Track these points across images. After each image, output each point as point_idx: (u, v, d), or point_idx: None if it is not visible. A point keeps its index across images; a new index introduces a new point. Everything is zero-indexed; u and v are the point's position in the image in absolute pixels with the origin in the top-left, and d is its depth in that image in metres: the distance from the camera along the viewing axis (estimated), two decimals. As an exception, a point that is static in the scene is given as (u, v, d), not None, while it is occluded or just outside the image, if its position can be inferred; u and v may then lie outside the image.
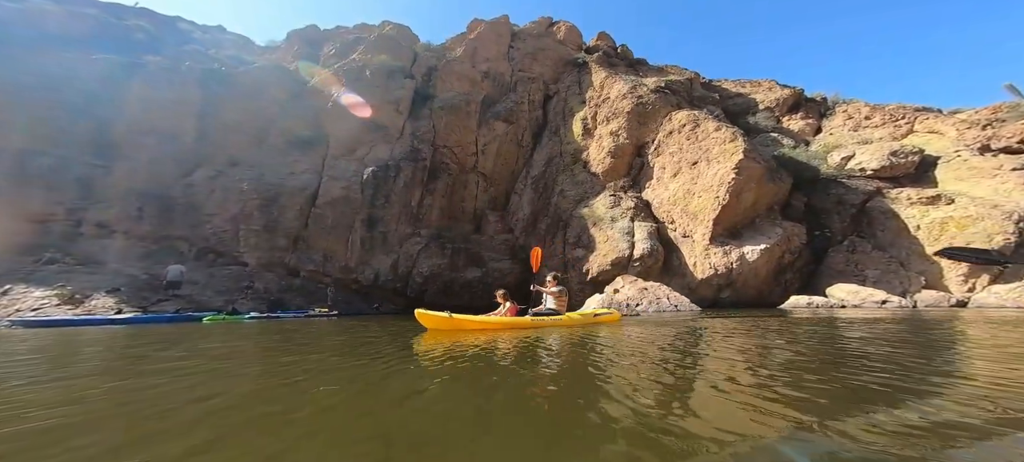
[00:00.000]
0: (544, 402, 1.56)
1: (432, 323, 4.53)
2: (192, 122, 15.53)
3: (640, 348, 2.98)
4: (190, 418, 1.36)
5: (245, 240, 13.53)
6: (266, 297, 12.82)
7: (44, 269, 9.74)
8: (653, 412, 1.34)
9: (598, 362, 2.48)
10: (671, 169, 12.73)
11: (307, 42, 22.72)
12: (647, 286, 8.74)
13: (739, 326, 4.68)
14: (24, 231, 11.57)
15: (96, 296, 8.81)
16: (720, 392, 1.62)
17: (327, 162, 16.20)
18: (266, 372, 2.40)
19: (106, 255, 12.08)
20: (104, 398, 1.72)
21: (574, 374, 2.15)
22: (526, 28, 24.01)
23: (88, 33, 16.88)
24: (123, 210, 13.08)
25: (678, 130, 13.11)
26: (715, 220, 10.30)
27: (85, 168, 12.97)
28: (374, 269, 15.52)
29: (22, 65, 13.26)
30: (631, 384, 1.77)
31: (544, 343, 3.35)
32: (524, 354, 2.81)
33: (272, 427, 1.23)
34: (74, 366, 2.80)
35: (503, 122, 19.46)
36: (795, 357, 2.46)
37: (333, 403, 1.55)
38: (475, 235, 17.83)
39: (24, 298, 8.10)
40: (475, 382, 1.94)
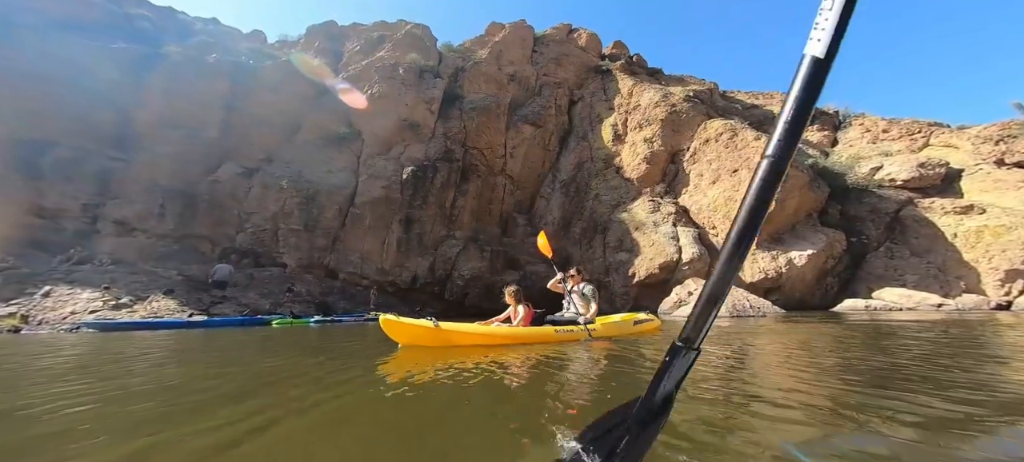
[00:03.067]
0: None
1: (407, 336, 3.06)
2: (218, 116, 14.54)
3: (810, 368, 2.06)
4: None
5: (285, 240, 12.82)
6: (309, 299, 12.22)
7: (78, 269, 8.83)
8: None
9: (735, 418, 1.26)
10: (709, 176, 13.04)
11: (327, 37, 21.73)
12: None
13: (844, 332, 4.04)
14: (34, 226, 10.49)
15: (154, 298, 8.08)
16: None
17: (363, 160, 15.58)
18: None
19: (129, 253, 11.14)
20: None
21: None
22: (548, 34, 23.95)
23: (98, 21, 15.44)
24: (145, 207, 12.07)
25: (715, 138, 13.44)
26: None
27: (103, 161, 11.83)
28: (411, 271, 15.09)
29: (33, 51, 12.00)
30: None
31: (586, 370, 2.14)
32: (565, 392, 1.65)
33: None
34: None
35: (531, 125, 19.36)
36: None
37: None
38: (505, 238, 17.68)
39: (72, 299, 7.29)
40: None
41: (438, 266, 15.35)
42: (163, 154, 12.50)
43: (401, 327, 3.13)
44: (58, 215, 10.44)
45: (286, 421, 1.28)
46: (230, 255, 12.54)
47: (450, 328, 3.18)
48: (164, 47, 15.22)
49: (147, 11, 20.05)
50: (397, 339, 3.19)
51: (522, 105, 20.12)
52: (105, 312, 7.22)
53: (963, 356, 2.40)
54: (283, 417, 1.33)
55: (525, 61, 22.03)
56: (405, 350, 2.98)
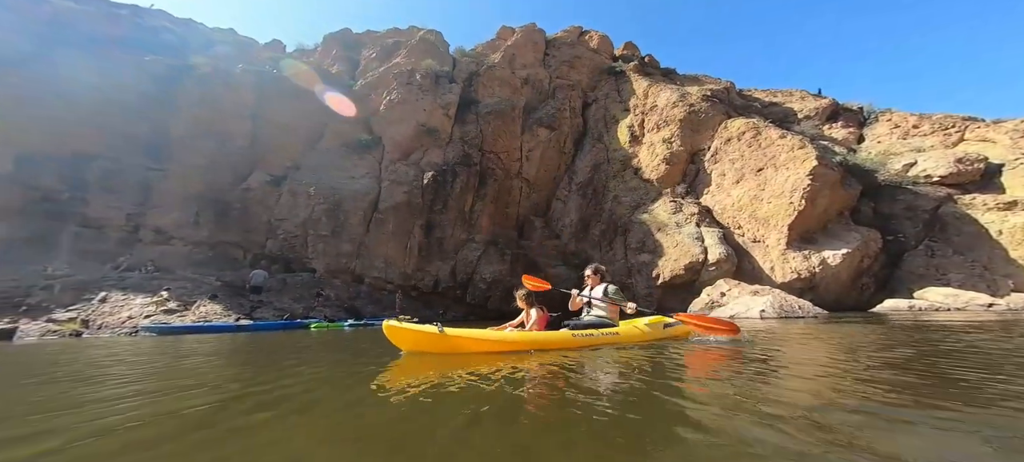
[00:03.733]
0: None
1: (411, 342, 2.89)
2: (245, 125, 14.90)
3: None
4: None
5: (313, 246, 13.07)
6: (338, 303, 12.43)
7: (129, 275, 9.15)
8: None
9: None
10: (732, 176, 12.98)
11: (344, 45, 22.09)
12: (758, 289, 8.89)
13: (904, 336, 3.74)
14: (82, 236, 10.86)
15: (200, 302, 8.34)
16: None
17: (384, 166, 15.81)
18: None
19: (168, 261, 11.47)
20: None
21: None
22: (559, 36, 24.02)
23: (126, 35, 15.92)
24: (181, 215, 12.42)
25: (737, 137, 13.38)
26: (791, 225, 10.56)
27: (142, 172, 12.23)
28: (433, 275, 15.25)
29: (73, 67, 12.44)
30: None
31: (607, 380, 1.93)
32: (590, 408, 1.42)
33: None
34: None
35: (546, 128, 19.43)
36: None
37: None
38: (524, 241, 17.77)
39: (127, 305, 7.57)
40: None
41: (459, 270, 15.49)
42: (196, 164, 12.86)
43: (404, 333, 2.89)
44: (103, 225, 10.81)
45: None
46: (260, 261, 12.83)
47: (456, 334, 2.93)
48: (190, 59, 15.63)
49: (169, 23, 20.60)
50: (400, 346, 2.96)
51: (536, 108, 20.20)
52: (159, 317, 7.47)
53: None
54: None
55: (537, 64, 22.12)
56: (409, 357, 2.80)
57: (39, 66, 11.72)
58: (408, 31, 23.56)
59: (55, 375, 2.63)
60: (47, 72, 11.75)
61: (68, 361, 3.35)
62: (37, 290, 7.76)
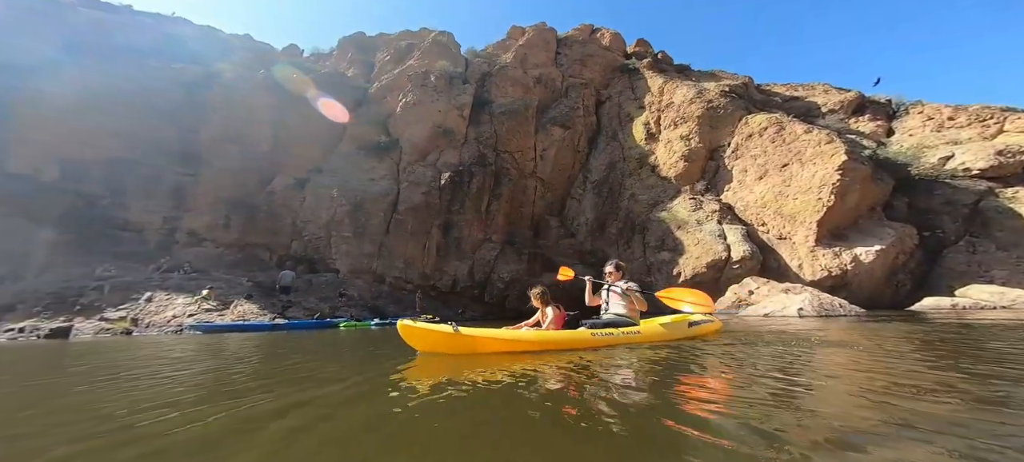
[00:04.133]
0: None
1: (425, 343, 2.85)
2: (268, 130, 15.24)
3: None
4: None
5: (337, 247, 13.33)
6: (361, 303, 12.65)
7: (169, 276, 9.50)
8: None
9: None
10: (755, 172, 12.78)
11: (358, 48, 22.39)
12: (789, 287, 8.76)
13: (960, 336, 3.37)
14: (123, 238, 11.28)
15: (237, 302, 8.61)
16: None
17: (402, 168, 16.01)
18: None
19: (203, 262, 11.82)
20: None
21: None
22: (570, 35, 23.93)
23: (154, 43, 16.43)
24: (212, 218, 12.81)
25: (759, 133, 13.16)
26: (820, 222, 10.36)
27: (175, 177, 12.65)
28: (451, 275, 15.40)
29: (106, 75, 12.89)
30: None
31: (630, 382, 1.85)
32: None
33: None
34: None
35: (560, 127, 19.39)
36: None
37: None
38: (540, 241, 17.79)
39: (170, 305, 7.88)
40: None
41: (477, 270, 15.60)
42: (223, 168, 13.22)
43: (419, 333, 2.83)
44: (142, 228, 11.22)
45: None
46: (286, 262, 13.13)
47: (471, 333, 2.86)
48: (214, 66, 16.03)
49: (191, 31, 21.15)
50: (415, 346, 2.91)
51: (549, 107, 20.18)
52: (200, 315, 7.74)
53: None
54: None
55: (550, 63, 22.07)
56: (424, 358, 2.72)
57: (75, 75, 12.19)
58: (419, 33, 23.75)
59: (159, 371, 2.77)
60: (83, 81, 12.22)
61: (151, 357, 3.52)
62: (89, 290, 8.12)
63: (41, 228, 9.70)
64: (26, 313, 7.08)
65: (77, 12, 15.38)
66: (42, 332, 6.39)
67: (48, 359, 3.87)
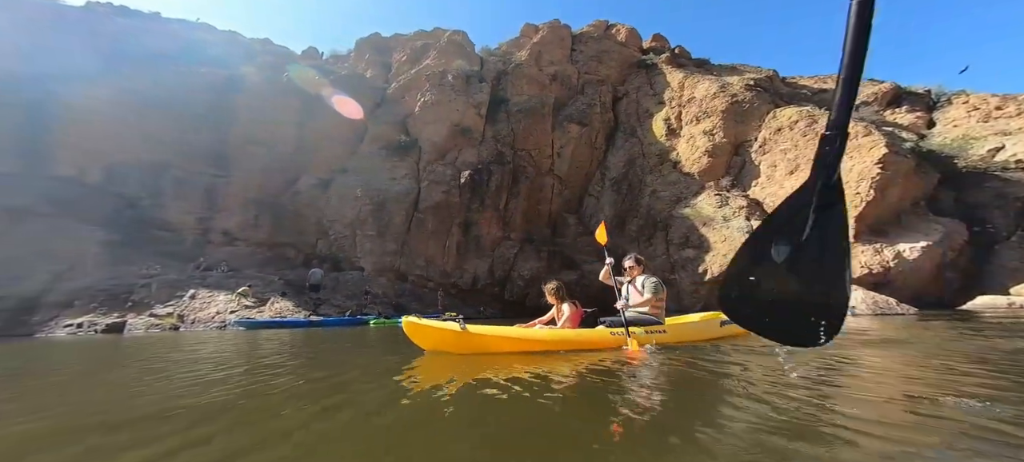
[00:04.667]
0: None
1: (432, 341, 2.73)
2: (292, 131, 15.54)
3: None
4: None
5: (361, 246, 13.51)
6: (385, 301, 12.79)
7: (208, 274, 9.81)
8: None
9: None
10: (785, 167, 12.41)
11: (375, 49, 22.64)
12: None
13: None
14: (162, 239, 11.66)
15: (274, 300, 8.82)
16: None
17: (422, 167, 16.11)
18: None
19: (235, 261, 12.12)
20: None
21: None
22: (585, 31, 23.67)
23: (182, 49, 16.93)
24: (243, 218, 13.14)
25: (789, 127, 12.77)
26: (858, 217, 9.99)
27: (208, 179, 13.04)
28: (471, 273, 15.45)
29: (141, 81, 13.34)
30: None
31: (653, 386, 1.70)
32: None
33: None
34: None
35: (577, 124, 19.22)
36: None
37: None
38: (559, 239, 17.69)
39: (213, 302, 8.15)
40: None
41: (497, 267, 15.61)
42: (252, 169, 13.55)
43: (425, 331, 2.72)
44: (178, 228, 11.60)
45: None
46: (312, 261, 13.39)
47: (479, 331, 2.71)
48: (240, 69, 16.40)
49: (214, 36, 21.72)
50: (421, 344, 2.78)
51: (565, 104, 20.02)
52: (242, 312, 7.94)
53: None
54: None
55: (565, 60, 21.88)
56: (430, 357, 2.59)
57: (112, 81, 12.65)
58: (433, 33, 23.85)
59: (232, 367, 2.83)
60: (120, 86, 12.68)
61: (217, 352, 3.60)
62: (138, 288, 8.45)
63: (90, 228, 10.13)
64: (83, 309, 7.41)
65: (112, 21, 15.96)
66: (99, 327, 6.66)
67: (138, 354, 4.00)
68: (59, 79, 12.17)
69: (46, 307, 7.68)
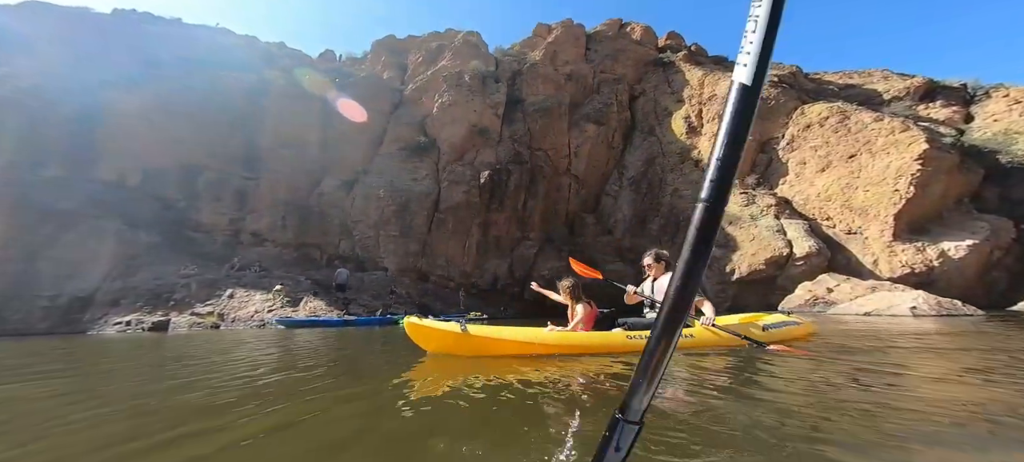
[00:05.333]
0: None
1: (433, 342, 2.62)
2: (316, 134, 15.74)
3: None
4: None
5: (384, 246, 13.60)
6: (409, 300, 12.84)
7: (243, 274, 9.98)
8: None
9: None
10: (815, 164, 12.12)
11: (391, 51, 22.83)
12: (875, 284, 8.22)
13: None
14: (196, 239, 11.90)
15: (307, 299, 8.92)
16: None
17: (441, 167, 16.17)
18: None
19: (266, 261, 12.29)
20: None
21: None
22: (599, 30, 23.53)
23: (207, 56, 17.28)
24: (272, 220, 13.34)
25: (819, 123, 12.47)
26: (897, 215, 9.68)
27: (239, 181, 13.29)
28: (491, 273, 15.43)
29: (173, 87, 13.66)
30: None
31: (676, 397, 1.46)
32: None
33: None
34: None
35: (594, 124, 19.09)
36: None
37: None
38: (577, 239, 17.56)
39: (250, 301, 8.29)
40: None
41: (516, 267, 15.57)
42: (279, 172, 13.77)
43: (426, 332, 2.59)
44: (212, 229, 11.84)
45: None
46: (335, 261, 13.53)
47: (481, 333, 2.56)
48: (263, 73, 16.67)
49: (233, 41, 22.14)
50: (423, 346, 2.67)
51: (581, 104, 19.91)
52: (279, 311, 8.04)
53: None
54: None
55: (580, 59, 21.77)
56: (433, 359, 2.47)
57: (147, 88, 12.98)
58: (447, 34, 23.96)
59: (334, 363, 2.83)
60: (155, 92, 13.02)
61: (288, 352, 3.60)
62: (179, 287, 8.64)
63: (133, 231, 10.42)
64: (129, 308, 7.61)
65: (140, 28, 16.41)
66: (145, 325, 6.81)
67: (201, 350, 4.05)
68: (99, 86, 12.57)
69: (96, 305, 7.93)
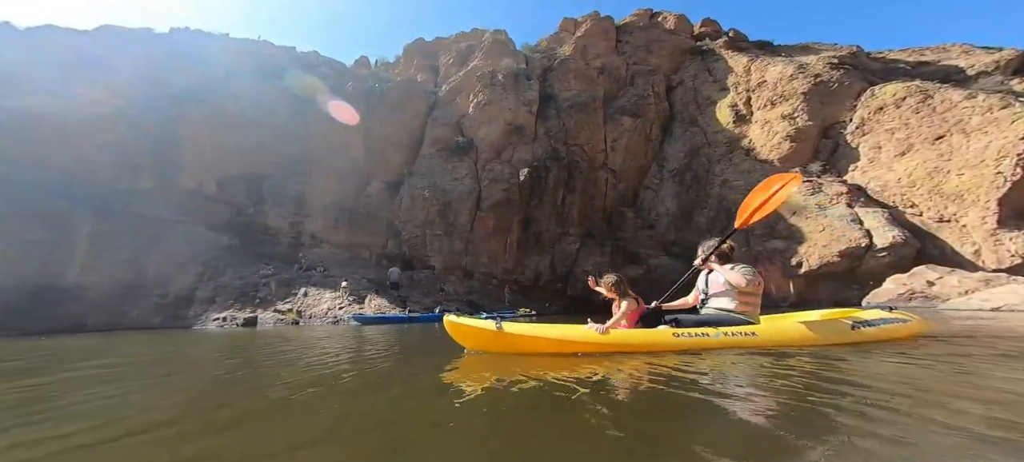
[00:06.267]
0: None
1: (471, 339, 2.60)
2: (360, 138, 16.19)
3: None
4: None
5: (431, 245, 13.76)
6: (457, 298, 12.89)
7: (310, 274, 10.39)
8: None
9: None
10: (893, 148, 11.17)
11: (422, 54, 23.24)
12: (989, 277, 7.42)
13: None
14: (264, 241, 12.49)
15: (371, 297, 9.14)
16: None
17: (480, 166, 16.22)
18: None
19: (323, 262, 12.70)
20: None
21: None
22: (629, 21, 22.94)
23: (260, 66, 18.18)
24: (325, 222, 13.81)
25: (895, 104, 11.50)
26: (1001, 200, 8.71)
27: (296, 186, 13.90)
28: (533, 269, 15.30)
29: (238, 99, 14.44)
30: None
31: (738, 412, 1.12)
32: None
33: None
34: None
35: (630, 117, 18.60)
36: None
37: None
38: (619, 233, 17.12)
39: (321, 299, 8.60)
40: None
41: (558, 263, 15.36)
42: (329, 176, 14.31)
43: (464, 329, 2.60)
44: (276, 232, 12.43)
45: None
46: (382, 260, 13.81)
47: (516, 331, 2.50)
48: (310, 81, 17.27)
49: (274, 51, 23.23)
50: (462, 343, 2.68)
51: (615, 97, 19.46)
52: (349, 308, 8.24)
53: None
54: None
55: (611, 52, 21.30)
56: (470, 357, 2.46)
57: (212, 100, 13.78)
58: (473, 34, 24.09)
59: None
60: (218, 104, 13.80)
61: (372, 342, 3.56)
62: (261, 286, 9.08)
63: (216, 234, 11.13)
64: (223, 305, 8.10)
65: (196, 44, 17.51)
66: (238, 321, 7.17)
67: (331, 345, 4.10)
68: (169, 102, 13.50)
69: (197, 302, 8.52)
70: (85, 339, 5.90)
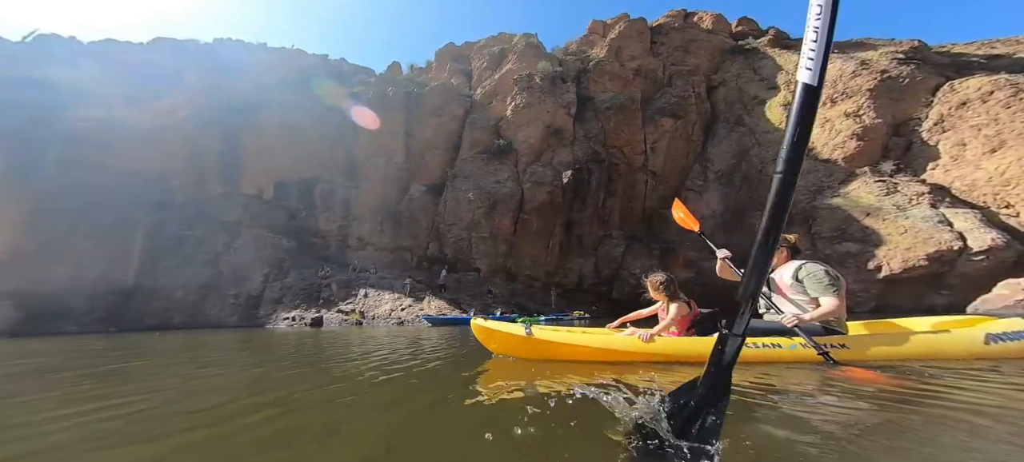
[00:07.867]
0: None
1: (499, 344, 2.48)
2: (401, 143, 16.44)
3: None
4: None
5: (476, 247, 13.70)
6: (503, 300, 12.72)
7: (365, 275, 10.49)
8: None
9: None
10: (980, 145, 10.47)
11: (454, 58, 23.63)
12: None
13: None
14: (316, 245, 12.74)
15: (429, 298, 9.10)
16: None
17: (521, 169, 16.17)
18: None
19: (370, 264, 12.80)
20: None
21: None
22: (663, 22, 22.76)
23: (300, 74, 18.85)
24: (371, 226, 13.99)
25: (980, 99, 10.83)
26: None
27: (344, 191, 14.21)
28: (576, 272, 15.02)
29: (290, 106, 14.96)
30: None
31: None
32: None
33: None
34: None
35: (670, 118, 18.27)
36: None
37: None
38: (661, 235, 16.67)
39: (381, 301, 8.62)
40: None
41: (602, 266, 15.02)
42: (374, 180, 14.56)
43: (492, 334, 2.48)
44: (326, 235, 12.68)
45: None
46: (423, 262, 13.82)
47: (546, 336, 2.35)
48: (353, 88, 17.78)
49: (310, 61, 24.09)
50: (489, 347, 2.56)
51: (653, 98, 19.17)
52: (409, 309, 8.20)
53: None
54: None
55: (646, 54, 21.11)
56: (496, 362, 2.33)
57: (264, 110, 14.36)
58: (501, 37, 24.36)
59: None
60: (269, 113, 14.34)
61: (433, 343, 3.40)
62: (324, 287, 9.20)
63: (277, 237, 11.44)
64: (290, 305, 8.23)
65: (240, 54, 18.32)
66: (306, 320, 7.22)
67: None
68: (227, 111, 14.08)
69: (266, 302, 8.70)
70: (183, 336, 6.01)
